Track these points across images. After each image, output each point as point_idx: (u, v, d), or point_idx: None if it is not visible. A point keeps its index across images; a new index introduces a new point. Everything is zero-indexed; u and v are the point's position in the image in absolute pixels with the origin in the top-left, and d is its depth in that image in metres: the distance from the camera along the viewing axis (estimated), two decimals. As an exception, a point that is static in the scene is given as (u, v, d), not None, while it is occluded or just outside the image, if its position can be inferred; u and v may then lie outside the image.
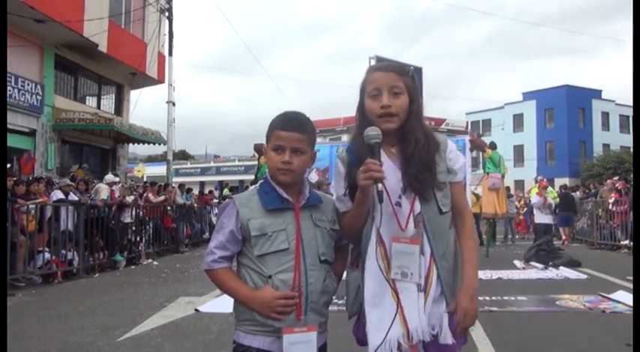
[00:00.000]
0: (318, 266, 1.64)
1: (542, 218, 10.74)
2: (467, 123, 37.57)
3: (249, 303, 1.60)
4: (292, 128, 1.63)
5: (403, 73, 1.65)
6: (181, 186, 14.76)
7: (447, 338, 1.57)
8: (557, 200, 13.74)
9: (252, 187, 1.78)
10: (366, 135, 1.55)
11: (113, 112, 16.26)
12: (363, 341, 1.65)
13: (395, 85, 1.61)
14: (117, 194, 9.94)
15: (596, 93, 41.73)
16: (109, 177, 10.52)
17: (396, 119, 1.61)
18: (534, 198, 11.37)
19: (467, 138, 10.29)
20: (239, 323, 1.66)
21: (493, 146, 10.30)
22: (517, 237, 15.22)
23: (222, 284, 1.67)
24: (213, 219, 14.66)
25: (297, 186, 1.68)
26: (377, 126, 1.59)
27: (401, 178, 1.61)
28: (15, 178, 8.00)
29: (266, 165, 2.23)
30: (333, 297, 1.71)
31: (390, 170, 1.60)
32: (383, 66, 1.70)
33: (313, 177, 15.19)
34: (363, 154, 1.58)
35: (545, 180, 12.38)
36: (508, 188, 12.66)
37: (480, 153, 10.71)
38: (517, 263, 9.03)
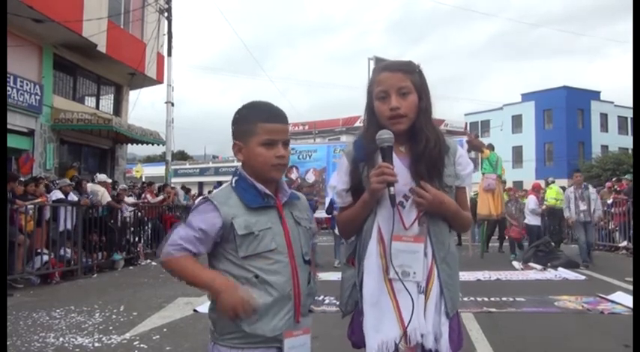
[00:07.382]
0: (303, 266, 1.55)
1: (533, 220, 10.62)
2: (466, 124, 37.71)
3: (225, 291, 1.43)
4: (282, 120, 1.55)
5: (410, 71, 1.62)
6: (185, 189, 14.76)
7: (444, 348, 1.54)
8: (562, 200, 13.63)
9: (224, 185, 1.62)
10: (379, 139, 1.54)
11: (112, 112, 16.21)
12: (358, 344, 1.63)
13: (402, 86, 1.59)
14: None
15: (595, 95, 41.77)
16: (102, 176, 10.53)
17: (405, 120, 1.60)
18: (533, 203, 10.94)
19: (465, 138, 10.32)
20: (220, 338, 1.51)
21: (491, 147, 10.31)
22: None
23: (187, 272, 1.48)
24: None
25: (276, 183, 1.58)
26: (387, 127, 1.57)
27: (408, 177, 1.59)
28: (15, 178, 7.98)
29: None
30: (332, 298, 1.68)
31: (397, 169, 1.58)
32: (389, 65, 1.65)
33: (310, 177, 15.12)
34: (370, 152, 1.58)
35: (546, 181, 12.35)
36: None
37: (478, 153, 10.71)
38: (515, 264, 9.03)
